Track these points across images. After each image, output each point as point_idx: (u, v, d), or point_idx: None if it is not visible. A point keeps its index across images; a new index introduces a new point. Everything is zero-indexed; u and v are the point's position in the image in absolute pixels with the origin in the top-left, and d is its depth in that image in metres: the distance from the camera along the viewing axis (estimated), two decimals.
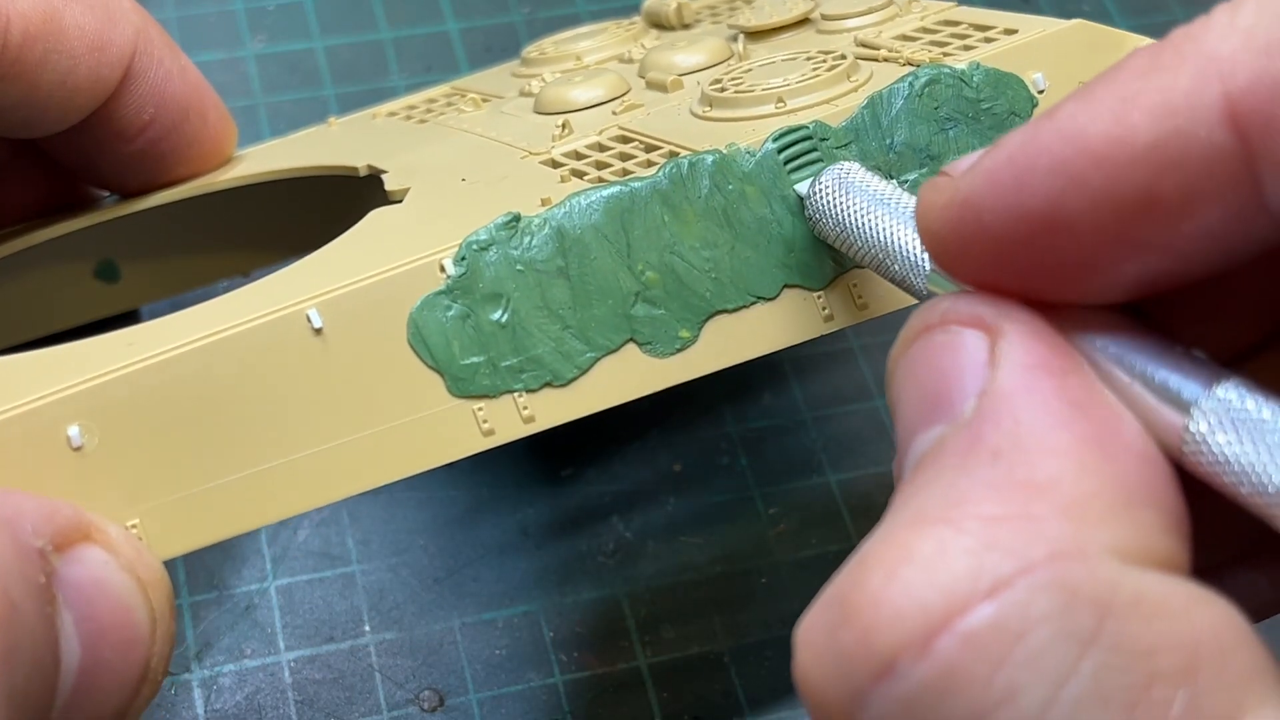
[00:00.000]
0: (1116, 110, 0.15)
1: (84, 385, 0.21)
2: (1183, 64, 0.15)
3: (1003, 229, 0.16)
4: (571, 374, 0.23)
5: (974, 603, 0.14)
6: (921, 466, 0.16)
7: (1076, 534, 0.15)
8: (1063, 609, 0.14)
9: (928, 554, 0.15)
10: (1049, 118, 0.16)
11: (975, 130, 0.25)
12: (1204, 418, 0.16)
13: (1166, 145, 0.15)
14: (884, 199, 0.22)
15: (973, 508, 0.15)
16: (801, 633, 0.16)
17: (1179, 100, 0.15)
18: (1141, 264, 0.16)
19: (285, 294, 0.22)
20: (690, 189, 0.23)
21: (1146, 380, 0.16)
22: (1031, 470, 0.15)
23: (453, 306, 0.22)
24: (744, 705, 0.32)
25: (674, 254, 0.23)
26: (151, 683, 0.21)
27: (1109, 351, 0.17)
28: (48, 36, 0.26)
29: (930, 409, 0.17)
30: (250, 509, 0.22)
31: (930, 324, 0.17)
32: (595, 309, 0.23)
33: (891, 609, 0.15)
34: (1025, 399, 0.16)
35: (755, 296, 0.24)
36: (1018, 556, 0.15)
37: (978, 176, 0.17)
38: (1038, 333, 0.16)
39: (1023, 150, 0.16)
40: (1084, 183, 0.16)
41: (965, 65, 0.25)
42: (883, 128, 0.25)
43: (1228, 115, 0.15)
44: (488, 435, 0.23)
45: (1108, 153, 0.15)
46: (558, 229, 0.23)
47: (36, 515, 0.20)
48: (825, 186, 0.23)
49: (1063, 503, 0.15)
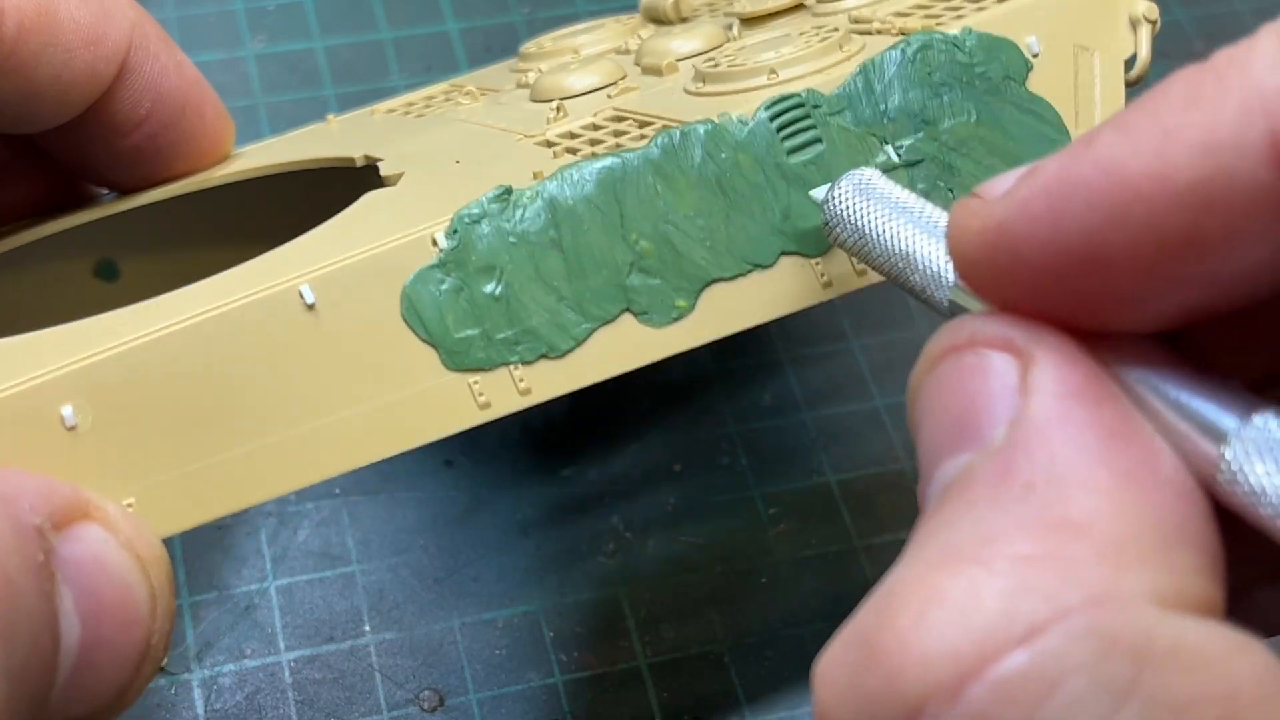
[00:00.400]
0: (1157, 144, 0.15)
1: (76, 365, 0.21)
2: (1226, 96, 0.15)
3: (1038, 260, 0.16)
4: (567, 345, 0.23)
5: (1007, 649, 0.14)
6: (948, 497, 0.16)
7: (1113, 578, 0.14)
8: (1099, 658, 0.14)
9: (958, 596, 0.14)
10: (1087, 147, 0.16)
11: (970, 94, 0.25)
12: (1241, 446, 0.15)
13: (1209, 184, 0.14)
14: (905, 208, 0.22)
15: (1005, 546, 0.15)
16: (822, 670, 0.15)
17: (1223, 137, 0.14)
18: (1181, 298, 0.16)
19: (277, 271, 0.22)
20: (683, 158, 0.23)
21: (1180, 408, 0.16)
22: (1066, 508, 0.15)
23: (446, 280, 0.22)
24: (744, 705, 0.32)
25: (668, 223, 0.23)
26: (152, 661, 0.21)
27: (1142, 379, 0.16)
28: (42, 30, 0.26)
29: (957, 435, 0.16)
30: (246, 485, 0.22)
31: (958, 345, 0.17)
32: (590, 280, 0.23)
33: (920, 653, 0.14)
34: (1060, 430, 0.15)
35: (752, 264, 0.24)
36: (1052, 601, 0.14)
37: (1013, 205, 0.16)
38: (1071, 359, 0.16)
39: (1059, 181, 0.16)
40: (1123, 219, 0.15)
41: (958, 31, 0.25)
42: (876, 94, 0.24)
43: (1272, 154, 0.14)
44: (484, 408, 0.22)
45: (1148, 189, 0.15)
46: (550, 200, 0.23)
47: (34, 493, 0.20)
48: (843, 193, 0.23)
49: (1099, 544, 0.14)
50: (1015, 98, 0.25)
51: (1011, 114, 0.25)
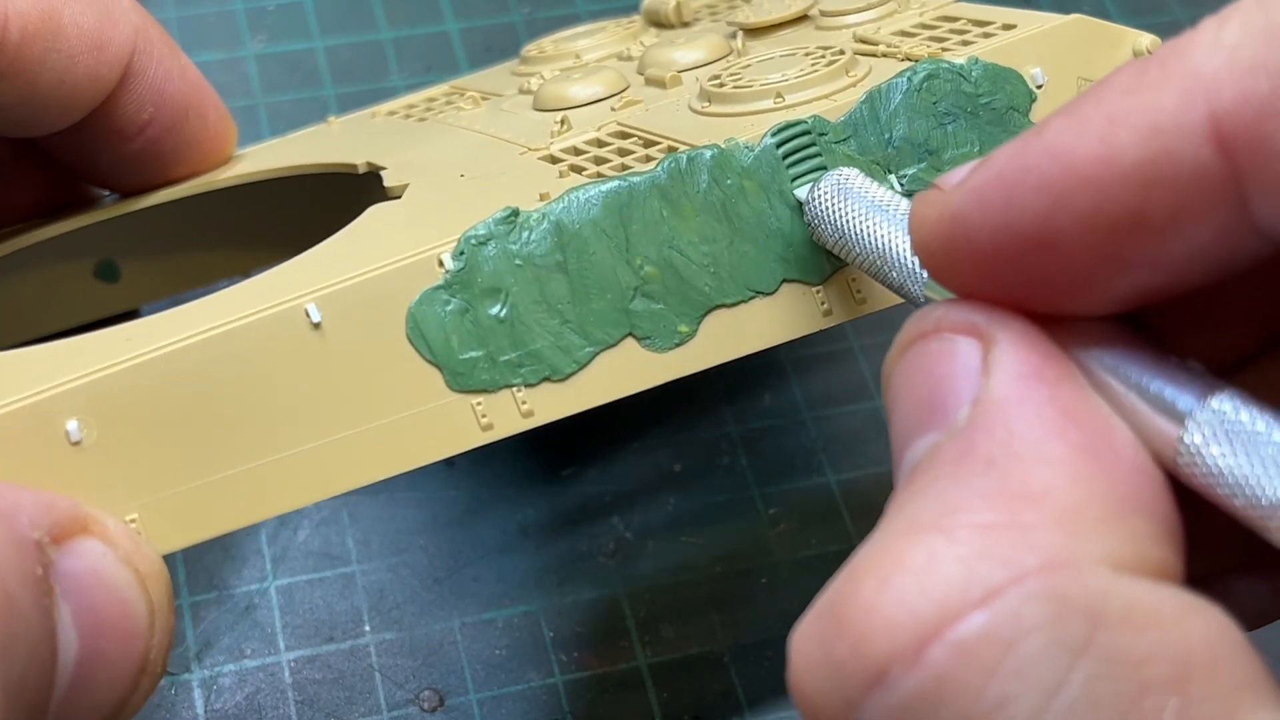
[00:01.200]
0: (1103, 129, 0.15)
1: (82, 380, 0.21)
2: (1168, 82, 0.15)
3: (992, 245, 0.16)
4: (570, 368, 0.23)
5: (965, 611, 0.14)
6: (915, 474, 0.16)
7: (1068, 543, 0.15)
8: (1054, 618, 0.14)
9: (920, 562, 0.15)
10: (1037, 134, 0.16)
11: (974, 125, 0.25)
12: (1198, 429, 0.16)
13: (1153, 165, 0.15)
14: (882, 206, 0.22)
15: (965, 516, 0.15)
16: (795, 641, 0.16)
17: (1165, 120, 0.15)
18: (1131, 279, 0.16)
19: (284, 289, 0.22)
20: (689, 184, 0.23)
21: (1141, 391, 0.16)
22: (1024, 479, 0.15)
23: (451, 301, 0.22)
24: (744, 705, 0.32)
25: (672, 249, 0.23)
26: (150, 675, 0.21)
27: (1104, 362, 0.17)
28: (46, 35, 0.26)
29: (924, 416, 0.17)
30: (249, 503, 0.22)
31: (924, 331, 0.17)
32: (594, 303, 0.23)
33: (883, 618, 0.15)
34: (1018, 407, 0.16)
35: (754, 291, 0.24)
36: (1010, 566, 0.15)
37: (967, 192, 0.17)
38: (1031, 341, 0.16)
39: (1010, 167, 0.16)
40: (1071, 201, 0.16)
41: (964, 60, 0.25)
42: (881, 122, 0.25)
43: (1213, 135, 0.15)
44: (486, 430, 0.23)
45: (1094, 172, 0.15)
46: (556, 224, 0.23)
47: (33, 507, 0.20)
48: (824, 192, 0.23)
49: (1055, 512, 0.15)
50: (1018, 129, 0.25)
51: None
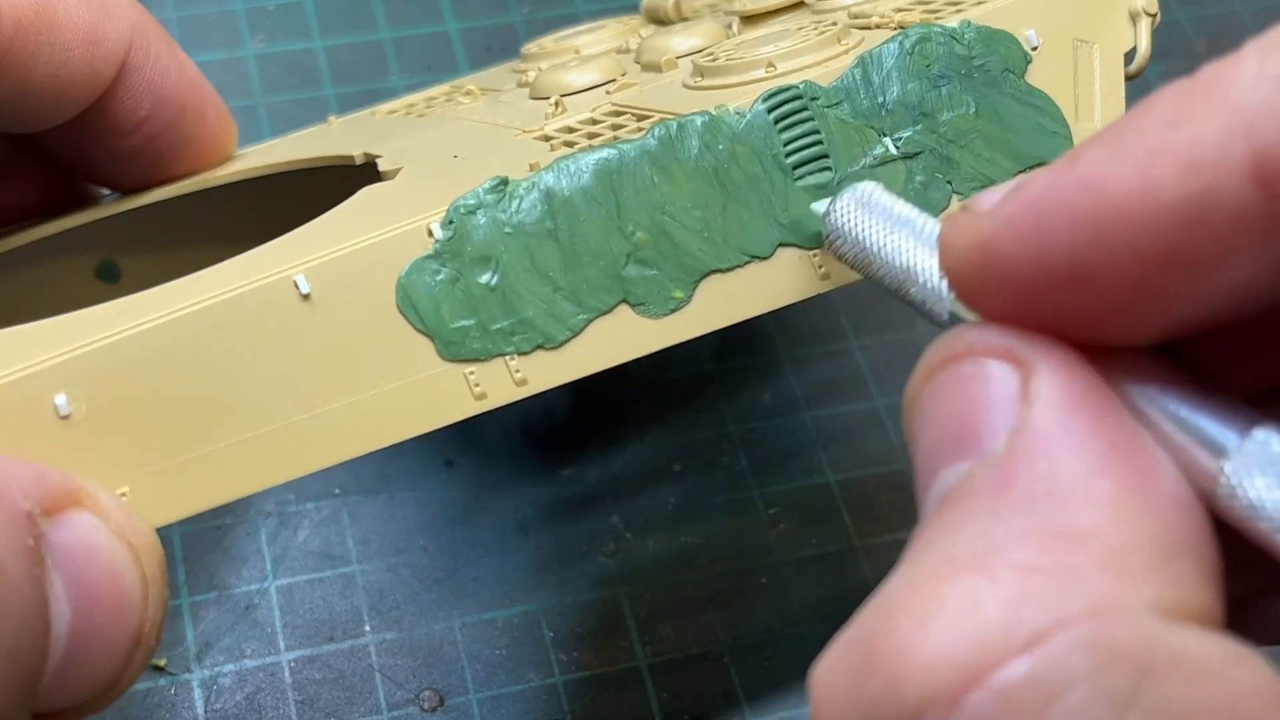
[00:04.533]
0: (1141, 163, 0.15)
1: (71, 354, 0.21)
2: (1210, 114, 0.15)
3: (1025, 276, 0.16)
4: (563, 336, 0.23)
5: (1008, 657, 0.14)
6: (948, 505, 0.16)
7: (1115, 588, 0.14)
8: (1101, 667, 0.14)
9: (960, 603, 0.14)
10: (1072, 164, 0.16)
11: (969, 87, 0.25)
12: (1240, 461, 0.15)
13: (1193, 202, 0.14)
14: (905, 221, 0.22)
15: (1007, 556, 0.15)
16: (820, 675, 0.15)
17: (1206, 155, 0.14)
18: (1169, 312, 0.16)
19: (273, 261, 0.22)
20: (679, 150, 0.23)
21: (1180, 422, 0.16)
22: (1068, 518, 0.15)
23: (441, 270, 0.22)
24: (744, 705, 0.32)
25: (665, 214, 0.23)
26: (144, 649, 0.21)
27: (1143, 392, 0.16)
28: (40, 29, 0.26)
29: (956, 443, 0.16)
30: (240, 475, 0.22)
31: (956, 354, 0.17)
32: (586, 270, 0.23)
33: (921, 659, 0.14)
34: (1061, 440, 0.15)
35: (750, 256, 0.24)
36: (1054, 610, 0.14)
37: (1000, 221, 0.16)
38: (1072, 369, 0.16)
39: (1045, 198, 0.16)
40: (1108, 237, 0.15)
41: (957, 23, 0.25)
42: (874, 86, 0.24)
43: (1255, 172, 0.14)
44: (480, 399, 0.22)
45: (1132, 208, 0.15)
46: (546, 191, 0.23)
47: (24, 479, 0.20)
48: (844, 206, 0.23)
49: (1101, 554, 0.14)
50: (1014, 90, 0.25)
51: (1010, 106, 0.25)
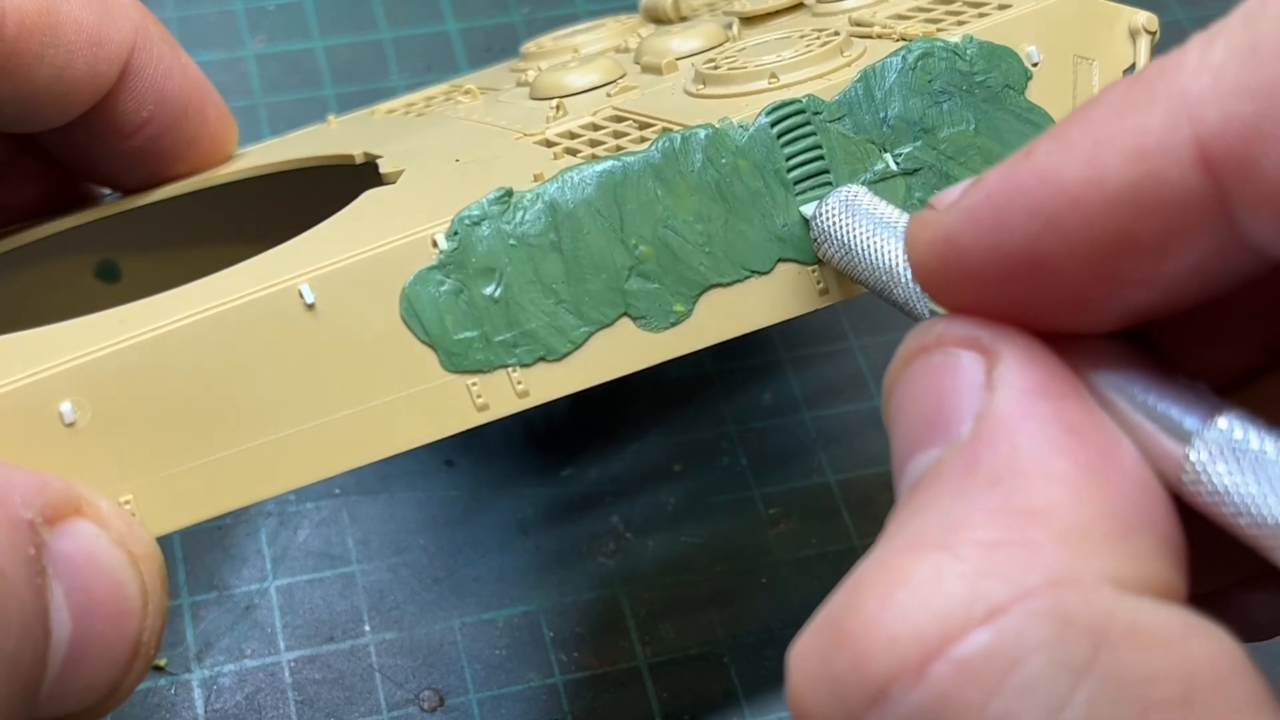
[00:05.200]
0: (1090, 152, 0.15)
1: (76, 361, 0.21)
2: (1154, 103, 0.15)
3: (984, 265, 0.16)
4: (566, 348, 0.23)
5: (969, 629, 0.14)
6: (917, 489, 0.16)
7: (1073, 562, 0.15)
8: (1058, 637, 0.14)
9: (923, 579, 0.15)
10: (1026, 156, 0.16)
11: (969, 103, 0.25)
12: (1204, 449, 0.15)
13: (1140, 188, 0.15)
14: (888, 224, 0.22)
15: (969, 533, 0.15)
16: (795, 656, 0.16)
17: (1151, 142, 0.15)
18: (1125, 298, 0.16)
19: (278, 270, 0.22)
20: (683, 163, 0.23)
21: (1146, 410, 0.16)
22: (1029, 496, 0.15)
23: (445, 281, 0.22)
24: (744, 705, 0.32)
25: (667, 228, 0.23)
26: (144, 658, 0.21)
27: (1109, 379, 0.16)
28: (44, 29, 0.26)
29: (926, 431, 0.17)
30: (243, 484, 0.22)
31: (927, 345, 0.17)
32: (589, 283, 0.23)
33: (886, 634, 0.15)
34: (1022, 423, 0.16)
35: (750, 270, 0.24)
36: (1014, 583, 0.14)
37: (959, 213, 0.17)
38: (1036, 356, 0.16)
39: (1000, 189, 0.16)
40: (1060, 224, 0.16)
41: (959, 39, 0.25)
42: (876, 101, 0.25)
43: (1199, 157, 0.15)
44: (482, 410, 0.23)
45: (1082, 195, 0.15)
46: (550, 203, 0.23)
47: (26, 487, 0.20)
48: (830, 209, 0.23)
49: (1060, 530, 0.15)
50: (1014, 106, 0.25)
51: (1010, 123, 0.25)
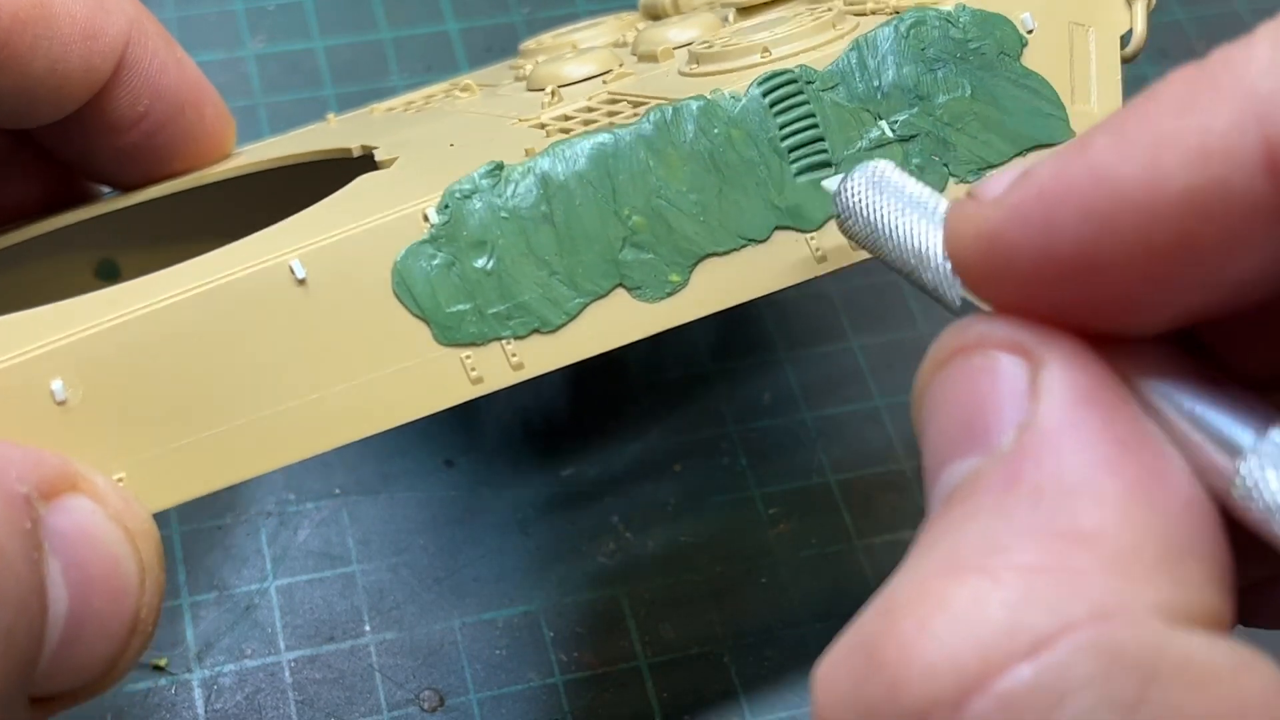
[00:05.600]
0: (1150, 152, 0.15)
1: (66, 339, 0.21)
2: (1220, 101, 0.14)
3: (1032, 266, 0.16)
4: (560, 320, 0.23)
5: (1012, 662, 0.14)
6: (954, 501, 0.15)
7: (1121, 591, 0.14)
8: (1105, 673, 0.13)
9: (963, 605, 0.14)
10: (1079, 152, 0.15)
11: (964, 70, 0.25)
12: (1256, 462, 0.15)
13: (1203, 192, 0.14)
14: (919, 203, 0.21)
15: (1011, 556, 0.14)
16: (822, 674, 0.15)
17: (1216, 144, 0.14)
18: (1180, 302, 0.15)
19: (269, 247, 0.22)
20: (675, 134, 0.23)
21: (1195, 419, 0.15)
22: (1074, 518, 0.14)
23: (437, 255, 0.22)
24: (744, 704, 0.32)
25: (661, 198, 0.23)
26: (141, 634, 0.21)
27: (1156, 386, 0.16)
28: (37, 23, 0.26)
29: (964, 438, 0.16)
30: (237, 460, 0.22)
31: (965, 345, 0.16)
32: (582, 255, 0.23)
33: (923, 663, 0.14)
34: (1070, 436, 0.15)
35: (746, 239, 0.24)
36: (1059, 613, 0.14)
37: (1006, 210, 0.16)
38: (1083, 363, 0.16)
39: (1052, 186, 0.15)
40: (1116, 227, 0.15)
41: (952, 7, 0.25)
42: (869, 70, 0.24)
43: (1268, 162, 0.14)
44: (476, 383, 0.22)
45: (1141, 198, 0.15)
46: (542, 176, 0.23)
47: (22, 463, 0.20)
48: (856, 185, 0.23)
49: (1107, 556, 0.14)
50: (1010, 73, 0.25)
51: (1006, 89, 0.25)
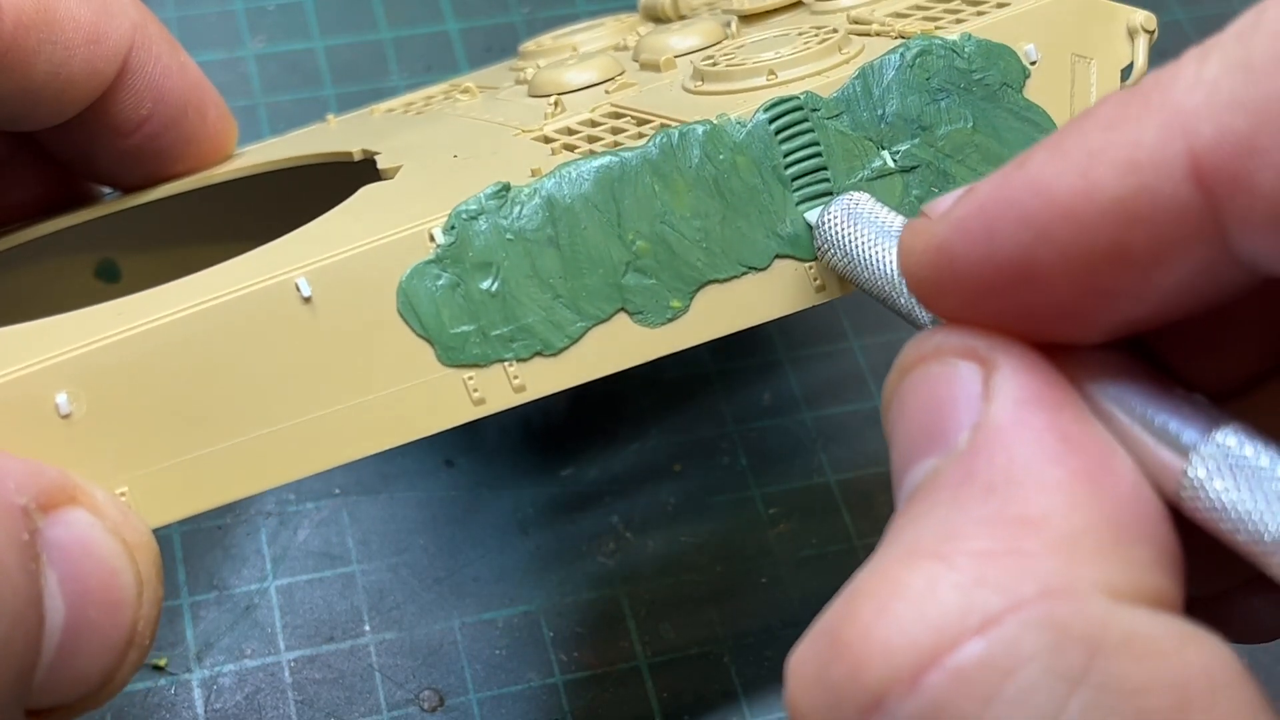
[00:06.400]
0: (1083, 164, 0.15)
1: (72, 353, 0.21)
2: (1148, 116, 0.15)
3: (976, 276, 0.16)
4: (562, 343, 0.23)
5: (963, 639, 0.14)
6: (915, 499, 0.16)
7: (1067, 571, 0.15)
8: (1052, 647, 0.14)
9: (918, 589, 0.15)
10: (1019, 167, 0.16)
11: (967, 101, 0.25)
12: (1202, 463, 0.15)
13: (1132, 200, 0.15)
14: (890, 231, 0.22)
15: (964, 543, 0.15)
16: (793, 664, 0.16)
17: (1144, 155, 0.15)
18: (1118, 309, 0.16)
19: (275, 264, 0.22)
20: (681, 159, 0.23)
21: (1144, 422, 0.16)
22: (1023, 505, 0.15)
23: (442, 275, 0.22)
24: (744, 704, 0.32)
25: (665, 224, 0.23)
26: (138, 647, 0.21)
27: (1106, 391, 0.16)
28: (41, 26, 0.26)
29: (924, 440, 0.17)
30: (239, 477, 0.22)
31: (925, 355, 0.17)
32: (586, 278, 0.23)
33: (881, 644, 0.15)
34: (1018, 433, 0.16)
35: (747, 267, 0.24)
36: (1008, 593, 0.15)
37: (951, 223, 0.17)
38: (1032, 367, 0.16)
39: (993, 199, 0.16)
40: (1051, 236, 0.16)
41: (957, 36, 0.25)
42: (874, 98, 0.25)
43: (1192, 171, 0.15)
44: (478, 404, 0.23)
45: (1074, 207, 0.15)
46: (547, 198, 0.23)
47: (21, 475, 0.20)
48: (834, 217, 0.23)
49: (1054, 539, 0.15)
50: (1012, 105, 0.25)
51: (1008, 121, 0.25)
